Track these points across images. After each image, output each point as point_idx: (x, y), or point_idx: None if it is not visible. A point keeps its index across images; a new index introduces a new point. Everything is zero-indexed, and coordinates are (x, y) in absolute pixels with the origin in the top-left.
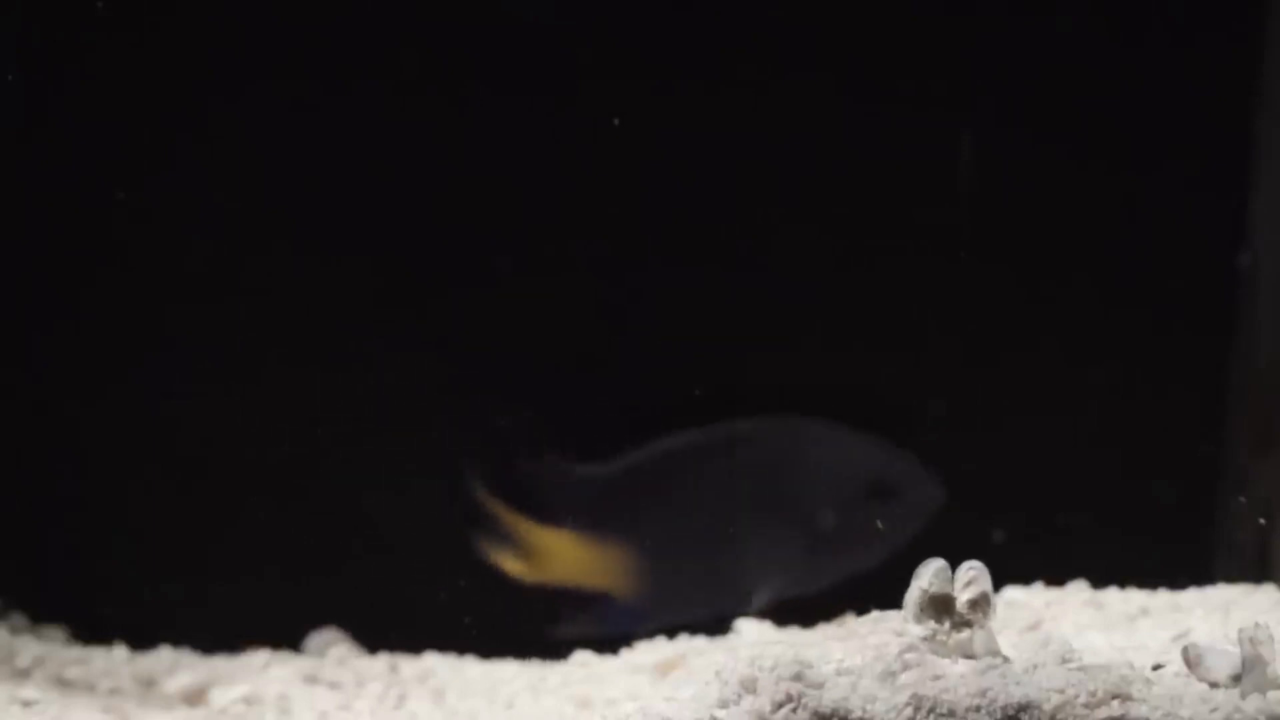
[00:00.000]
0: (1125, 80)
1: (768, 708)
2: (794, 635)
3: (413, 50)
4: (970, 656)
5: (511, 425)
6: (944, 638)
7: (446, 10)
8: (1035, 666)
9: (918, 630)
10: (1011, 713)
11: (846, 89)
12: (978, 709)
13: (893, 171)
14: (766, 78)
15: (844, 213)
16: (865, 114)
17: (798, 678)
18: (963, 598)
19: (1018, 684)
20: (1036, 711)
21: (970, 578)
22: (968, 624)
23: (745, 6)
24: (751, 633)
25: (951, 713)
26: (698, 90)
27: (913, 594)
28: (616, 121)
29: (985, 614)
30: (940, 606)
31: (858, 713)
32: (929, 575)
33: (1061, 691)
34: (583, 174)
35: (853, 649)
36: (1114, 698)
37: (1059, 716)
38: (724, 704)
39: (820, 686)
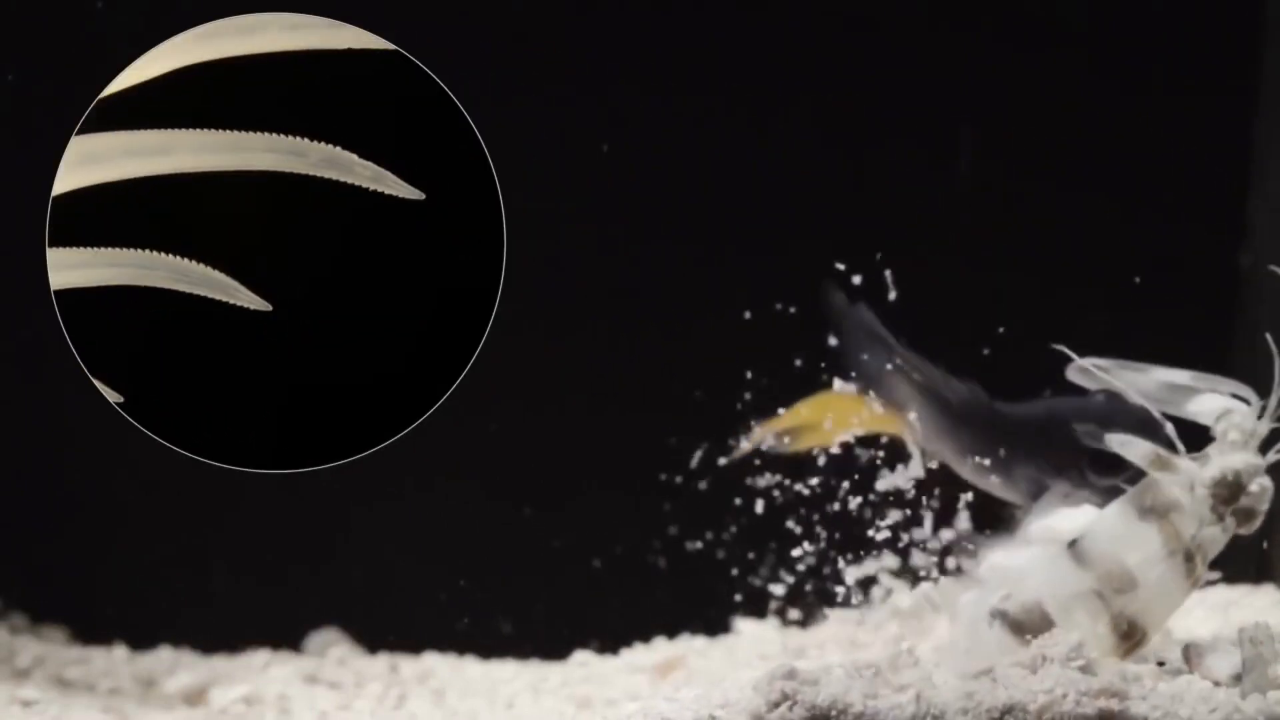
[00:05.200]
0: (1124, 79)
1: (763, 707)
2: (794, 635)
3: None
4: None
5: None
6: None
7: (445, 10)
8: (1036, 666)
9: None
10: (996, 715)
11: (844, 96)
12: (965, 711)
13: (893, 171)
14: (764, 80)
15: (843, 212)
16: (864, 115)
17: (790, 675)
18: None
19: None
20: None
21: (1264, 485)
22: (1242, 514)
23: (745, 8)
24: (751, 633)
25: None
26: (697, 90)
27: (1242, 424)
28: (605, 148)
29: (1247, 524)
30: (1234, 487)
31: (858, 706)
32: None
33: (1049, 691)
34: (583, 173)
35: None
36: (1110, 696)
37: (1046, 716)
38: (725, 704)
39: (815, 683)
